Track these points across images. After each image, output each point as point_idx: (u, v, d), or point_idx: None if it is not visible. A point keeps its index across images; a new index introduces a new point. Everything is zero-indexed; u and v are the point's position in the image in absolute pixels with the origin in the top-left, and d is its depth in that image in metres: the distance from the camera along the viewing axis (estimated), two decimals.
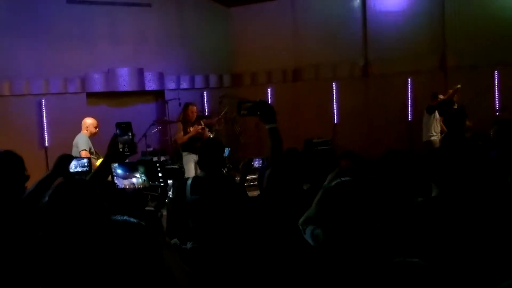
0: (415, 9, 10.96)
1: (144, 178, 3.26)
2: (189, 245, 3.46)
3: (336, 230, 2.25)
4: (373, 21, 11.26)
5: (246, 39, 11.75)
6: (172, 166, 6.08)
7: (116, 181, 3.40)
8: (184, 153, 8.54)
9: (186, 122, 8.50)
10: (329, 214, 2.29)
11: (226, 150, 10.42)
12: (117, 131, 2.82)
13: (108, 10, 10.68)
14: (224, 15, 12.01)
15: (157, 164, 3.37)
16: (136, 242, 1.34)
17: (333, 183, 2.37)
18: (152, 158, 8.81)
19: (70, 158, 3.32)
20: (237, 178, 5.27)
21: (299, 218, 3.10)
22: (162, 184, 3.30)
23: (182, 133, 8.46)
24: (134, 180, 3.31)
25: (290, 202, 3.53)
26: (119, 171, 3.36)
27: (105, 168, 3.00)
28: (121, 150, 2.77)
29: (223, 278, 2.85)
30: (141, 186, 3.37)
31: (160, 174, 3.30)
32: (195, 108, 8.63)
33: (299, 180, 3.88)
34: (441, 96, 9.34)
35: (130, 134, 2.82)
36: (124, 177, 3.34)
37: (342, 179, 2.38)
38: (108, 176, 3.12)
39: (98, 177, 2.89)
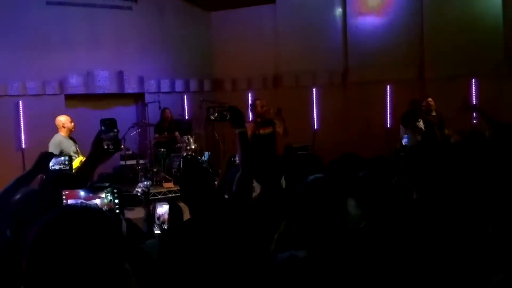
0: (395, 20, 11.11)
1: (110, 197, 2.84)
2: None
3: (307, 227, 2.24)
4: (353, 30, 11.38)
5: (227, 44, 11.76)
6: (129, 192, 5.74)
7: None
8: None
9: None
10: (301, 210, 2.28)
11: (206, 154, 10.42)
12: (102, 127, 2.75)
13: (88, 12, 10.60)
14: (205, 19, 12.01)
15: (115, 190, 2.91)
16: (95, 228, 1.34)
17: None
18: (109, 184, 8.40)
19: (50, 156, 3.29)
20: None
21: (268, 224, 3.07)
22: (118, 211, 2.90)
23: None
24: (98, 201, 2.86)
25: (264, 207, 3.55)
26: (82, 194, 2.88)
27: (90, 167, 2.90)
28: (105, 147, 2.70)
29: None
30: (107, 208, 2.89)
31: (116, 201, 2.91)
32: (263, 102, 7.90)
33: (277, 186, 3.89)
34: None
35: (115, 130, 2.74)
36: (87, 199, 2.87)
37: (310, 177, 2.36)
38: (91, 176, 2.99)
39: (81, 176, 2.79)
